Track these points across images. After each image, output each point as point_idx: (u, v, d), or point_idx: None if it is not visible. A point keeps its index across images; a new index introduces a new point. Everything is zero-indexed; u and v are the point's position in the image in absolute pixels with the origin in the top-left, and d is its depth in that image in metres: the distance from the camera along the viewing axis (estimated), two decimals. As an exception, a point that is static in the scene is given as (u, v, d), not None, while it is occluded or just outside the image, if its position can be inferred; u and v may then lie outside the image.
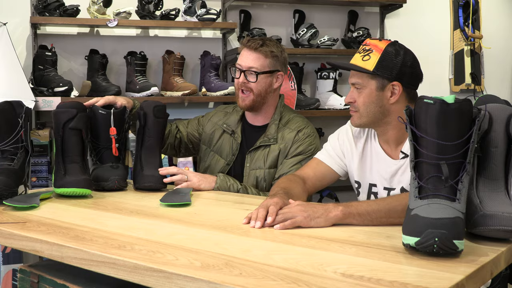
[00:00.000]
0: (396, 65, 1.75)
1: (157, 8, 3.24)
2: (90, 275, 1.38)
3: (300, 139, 2.26)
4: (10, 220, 1.59)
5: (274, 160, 2.27)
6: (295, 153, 2.24)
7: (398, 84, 1.76)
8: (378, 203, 1.54)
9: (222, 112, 2.47)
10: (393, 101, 1.78)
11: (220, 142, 2.39)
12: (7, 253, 2.78)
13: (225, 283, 1.06)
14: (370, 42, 1.80)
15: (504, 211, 1.29)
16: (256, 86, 2.26)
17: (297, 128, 2.29)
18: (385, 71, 1.75)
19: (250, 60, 2.26)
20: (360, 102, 1.80)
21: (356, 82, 1.80)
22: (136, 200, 1.93)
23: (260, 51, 2.25)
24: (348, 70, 1.83)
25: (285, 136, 2.28)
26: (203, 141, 2.44)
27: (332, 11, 3.81)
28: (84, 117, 2.03)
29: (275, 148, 2.27)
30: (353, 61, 1.81)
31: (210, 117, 2.47)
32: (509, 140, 1.39)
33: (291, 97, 3.39)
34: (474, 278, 1.12)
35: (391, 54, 1.75)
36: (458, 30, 4.14)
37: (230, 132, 2.37)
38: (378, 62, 1.75)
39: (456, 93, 4.11)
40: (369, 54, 1.76)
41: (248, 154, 2.31)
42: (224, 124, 2.40)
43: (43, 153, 2.90)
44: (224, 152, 2.36)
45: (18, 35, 3.16)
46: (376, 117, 1.80)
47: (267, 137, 2.30)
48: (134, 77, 3.19)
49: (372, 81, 1.77)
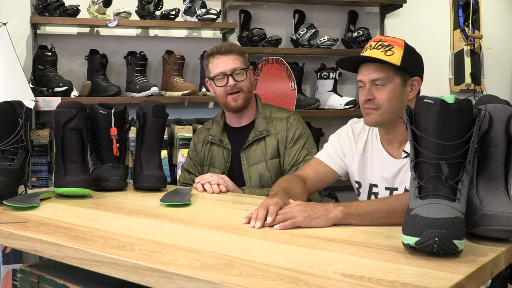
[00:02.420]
0: (419, 60, 1.79)
1: (157, 8, 3.24)
2: (90, 275, 1.38)
3: (294, 125, 2.32)
4: (10, 220, 1.59)
5: (274, 150, 2.30)
6: (294, 140, 2.29)
7: (418, 79, 1.79)
8: (378, 203, 1.53)
9: (203, 130, 2.47)
10: (411, 96, 1.79)
11: (210, 154, 2.39)
12: (7, 253, 2.78)
13: (225, 283, 1.06)
14: (387, 38, 1.78)
15: (504, 211, 1.29)
16: (246, 84, 2.31)
17: (285, 116, 2.35)
18: (411, 66, 1.76)
19: (231, 63, 2.29)
20: (383, 99, 1.76)
21: (379, 78, 1.75)
22: (136, 200, 1.93)
23: (233, 52, 2.31)
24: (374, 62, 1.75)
25: (277, 126, 2.32)
26: (201, 163, 2.43)
27: (332, 11, 3.81)
28: (84, 117, 2.03)
29: (271, 139, 2.30)
30: (372, 55, 1.75)
31: (196, 143, 2.46)
32: (509, 140, 1.39)
33: (291, 97, 3.38)
34: (474, 278, 1.12)
35: (411, 49, 1.78)
36: (458, 30, 4.14)
37: (218, 142, 2.37)
38: (403, 57, 1.74)
39: (456, 93, 4.10)
40: (391, 49, 1.74)
41: (242, 153, 2.32)
42: (209, 136, 2.40)
43: (43, 153, 2.90)
44: (217, 162, 2.37)
45: (18, 35, 3.16)
46: (398, 114, 1.75)
47: (258, 131, 2.32)
48: (134, 77, 3.19)
49: (397, 76, 1.76)
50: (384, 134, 1.87)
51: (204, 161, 2.42)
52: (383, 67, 1.75)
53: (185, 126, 3.13)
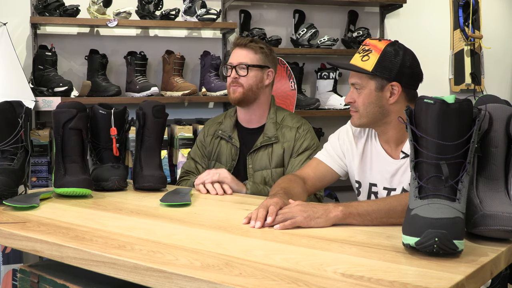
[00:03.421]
0: (395, 65, 1.75)
1: (157, 8, 3.24)
2: (90, 275, 1.38)
3: (302, 136, 2.30)
4: (10, 220, 1.59)
5: (280, 159, 2.28)
6: (301, 150, 2.27)
7: (397, 84, 1.76)
8: (378, 203, 1.54)
9: (215, 123, 2.46)
10: (392, 101, 1.78)
11: (218, 149, 2.39)
12: (7, 253, 2.78)
13: (225, 283, 1.06)
14: (370, 42, 1.79)
15: (504, 211, 1.29)
16: (247, 80, 2.30)
17: (296, 125, 2.33)
18: (384, 72, 1.75)
19: (241, 56, 2.32)
20: (360, 103, 1.80)
21: (355, 83, 1.80)
22: (136, 200, 1.93)
23: (249, 46, 2.32)
24: (347, 70, 1.83)
25: (286, 134, 2.31)
26: (209, 157, 2.43)
27: (332, 11, 3.81)
28: (84, 117, 2.03)
29: (278, 147, 2.29)
30: (353, 61, 1.81)
31: (206, 136, 2.45)
32: (509, 140, 1.39)
33: (291, 97, 3.38)
34: (474, 278, 1.12)
35: (390, 54, 1.75)
36: (458, 30, 4.14)
37: (227, 138, 2.37)
38: (377, 63, 1.75)
39: (456, 93, 4.10)
40: (368, 54, 1.76)
41: (249, 156, 2.31)
42: (219, 131, 2.40)
43: (43, 153, 2.90)
44: (223, 158, 2.36)
45: (18, 35, 3.16)
46: (376, 118, 1.80)
47: (267, 136, 2.31)
48: (134, 77, 3.19)
49: (371, 81, 1.77)
50: (380, 134, 1.87)
51: (211, 155, 2.40)
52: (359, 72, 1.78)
53: (185, 126, 3.13)
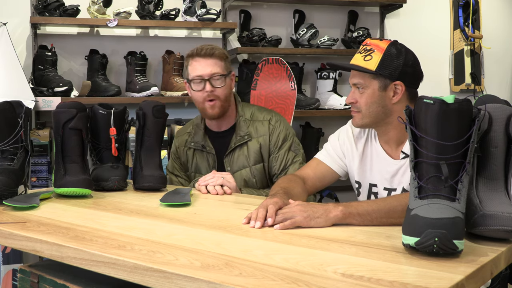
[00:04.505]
0: (398, 64, 1.75)
1: (157, 8, 3.24)
2: (90, 275, 1.38)
3: (276, 127, 2.27)
4: (10, 220, 1.59)
5: (258, 155, 2.26)
6: (280, 143, 2.25)
7: (400, 83, 1.76)
8: (378, 203, 1.53)
9: (183, 135, 2.43)
10: (395, 100, 1.78)
11: (195, 161, 2.36)
12: (7, 253, 2.78)
13: (225, 283, 1.06)
14: (371, 42, 1.79)
15: (504, 211, 1.29)
16: (223, 91, 2.23)
17: (267, 118, 2.30)
18: (387, 71, 1.75)
19: (210, 67, 2.21)
20: (363, 103, 1.79)
21: (358, 83, 1.79)
22: (136, 200, 1.93)
23: (215, 55, 2.22)
24: (350, 70, 1.83)
25: (259, 129, 2.28)
26: (186, 168, 2.40)
27: (332, 11, 3.81)
28: (84, 117, 2.03)
29: (254, 143, 2.26)
30: (354, 61, 1.80)
31: (177, 147, 2.42)
32: (509, 140, 1.39)
33: (291, 97, 3.38)
34: (474, 278, 1.12)
35: (392, 53, 1.75)
36: (458, 30, 4.14)
37: (201, 148, 2.33)
38: (380, 62, 1.74)
39: (456, 93, 4.11)
40: (370, 54, 1.76)
41: (225, 159, 2.29)
42: (191, 143, 2.36)
43: (43, 153, 2.91)
44: (203, 169, 2.33)
45: (18, 35, 3.16)
46: (379, 117, 1.80)
47: (239, 135, 2.28)
48: (134, 77, 3.19)
49: (375, 81, 1.77)
50: (380, 135, 1.87)
51: (188, 167, 2.38)
52: (361, 72, 1.78)
53: (185, 126, 3.13)
